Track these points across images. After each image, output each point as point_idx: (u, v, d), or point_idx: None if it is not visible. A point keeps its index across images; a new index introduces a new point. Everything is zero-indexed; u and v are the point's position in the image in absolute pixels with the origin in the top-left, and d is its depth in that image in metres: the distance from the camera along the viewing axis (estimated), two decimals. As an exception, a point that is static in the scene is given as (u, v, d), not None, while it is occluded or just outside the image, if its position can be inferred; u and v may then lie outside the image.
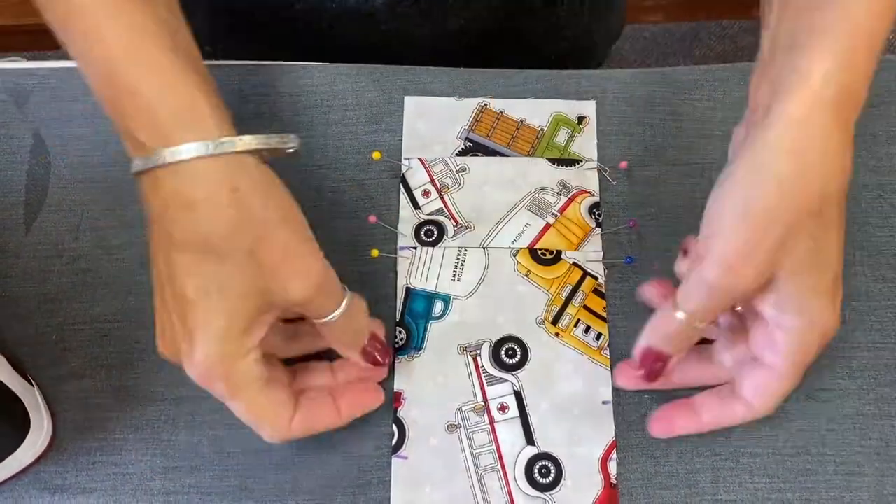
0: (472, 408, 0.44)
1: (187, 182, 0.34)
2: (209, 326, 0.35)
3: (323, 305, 0.38)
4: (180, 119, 0.34)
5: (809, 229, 0.35)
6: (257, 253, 0.35)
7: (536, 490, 0.42)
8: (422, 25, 0.56)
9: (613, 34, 0.72)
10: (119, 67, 0.34)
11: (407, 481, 0.43)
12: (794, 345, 0.38)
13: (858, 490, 0.43)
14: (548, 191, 0.48)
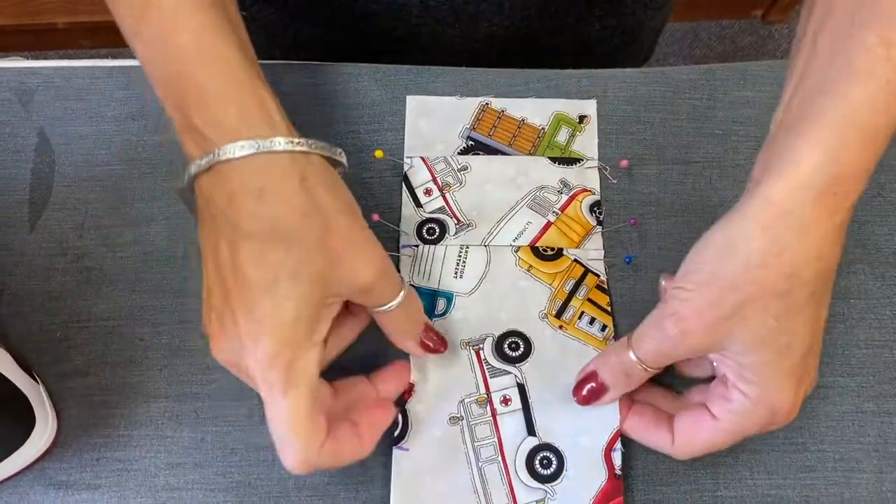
0: (475, 400, 0.44)
1: (257, 173, 0.35)
2: (279, 312, 0.35)
3: (385, 292, 0.39)
4: (250, 116, 0.35)
5: (772, 308, 0.35)
6: (325, 239, 0.36)
7: (537, 481, 0.43)
8: (452, 26, 0.57)
9: (641, 57, 0.73)
10: (191, 63, 0.35)
11: (408, 473, 0.43)
12: (743, 408, 0.38)
13: (857, 487, 0.44)
14: (549, 189, 0.49)
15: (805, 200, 0.34)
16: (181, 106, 0.36)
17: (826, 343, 0.46)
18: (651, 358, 0.39)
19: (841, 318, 0.46)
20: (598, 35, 0.62)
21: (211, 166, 0.35)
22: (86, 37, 1.44)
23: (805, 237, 0.34)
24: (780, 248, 0.34)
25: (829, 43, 0.35)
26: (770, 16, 1.50)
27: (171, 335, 0.46)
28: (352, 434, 0.39)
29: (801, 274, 0.35)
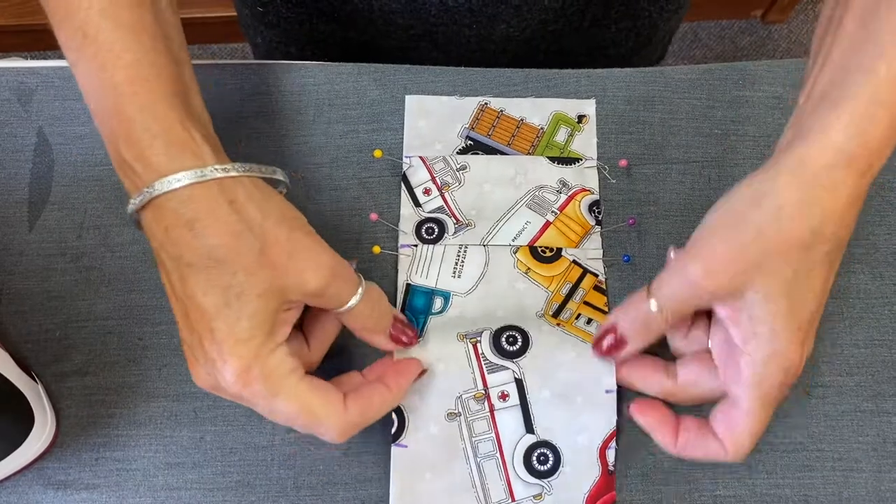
0: (473, 396, 0.44)
1: (187, 204, 0.35)
2: (235, 332, 0.36)
3: (341, 293, 0.39)
4: (176, 149, 0.36)
5: (794, 260, 0.36)
6: (265, 254, 0.36)
7: (534, 477, 0.43)
8: (469, 27, 0.57)
9: (654, 59, 0.73)
10: (122, 99, 0.36)
11: (407, 469, 0.43)
12: (756, 375, 0.38)
13: (856, 486, 0.44)
14: (548, 189, 0.49)
15: (837, 164, 0.35)
16: (113, 141, 0.37)
17: (825, 342, 0.46)
18: (672, 304, 0.39)
19: (839, 318, 0.47)
20: (613, 37, 0.62)
21: (147, 202, 0.36)
22: (86, 37, 1.44)
23: (834, 196, 0.36)
24: (811, 202, 0.36)
25: (856, 22, 0.37)
26: (769, 16, 1.50)
27: (170, 335, 0.46)
28: (377, 386, 0.40)
29: (823, 230, 0.36)
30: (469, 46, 0.59)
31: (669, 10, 0.63)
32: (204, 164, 0.36)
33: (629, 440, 0.44)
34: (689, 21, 1.52)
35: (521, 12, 0.56)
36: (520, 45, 0.59)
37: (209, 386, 0.37)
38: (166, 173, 0.35)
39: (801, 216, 0.36)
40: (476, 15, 0.56)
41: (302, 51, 0.65)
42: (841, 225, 0.37)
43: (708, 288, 0.38)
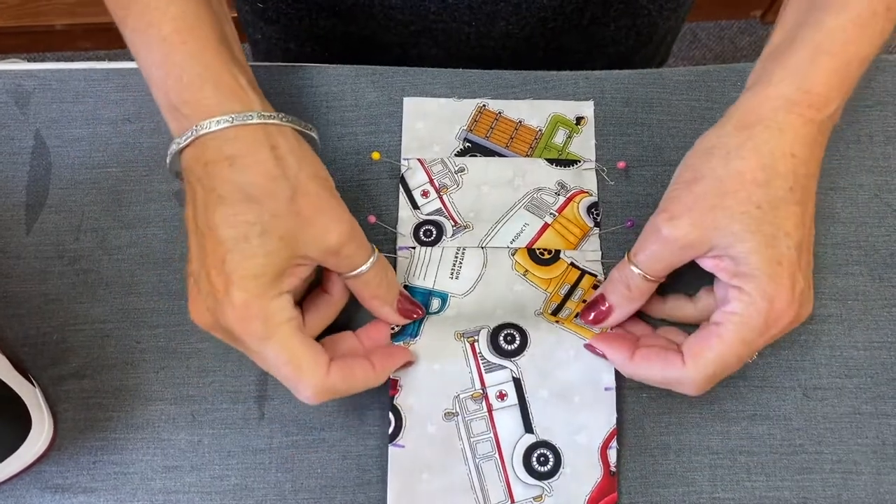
0: (470, 395, 0.44)
1: (230, 143, 0.38)
2: (247, 266, 0.37)
3: (355, 255, 0.40)
4: (225, 94, 0.39)
5: (754, 198, 0.38)
6: (294, 202, 0.38)
7: (534, 478, 0.43)
8: (469, 24, 0.57)
9: (657, 61, 0.73)
10: (171, 49, 0.39)
11: (404, 470, 0.43)
12: (741, 308, 0.38)
13: (855, 488, 0.43)
14: (546, 191, 0.49)
15: (778, 108, 0.38)
16: (163, 87, 0.39)
17: (823, 344, 0.46)
18: (648, 264, 0.41)
19: (838, 320, 0.46)
20: (612, 35, 0.62)
21: (191, 142, 0.38)
22: (85, 38, 1.44)
23: (780, 136, 0.38)
24: (756, 143, 0.38)
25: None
26: (769, 16, 1.50)
27: (168, 338, 0.46)
28: (363, 361, 0.41)
29: (776, 166, 0.38)
30: (469, 43, 0.59)
31: (669, 9, 0.63)
32: (251, 109, 0.39)
33: (628, 443, 0.44)
34: (689, 21, 1.52)
35: (520, 10, 0.56)
36: (519, 42, 0.59)
37: (205, 322, 0.39)
38: (215, 114, 0.38)
39: (750, 156, 0.38)
40: (475, 12, 0.56)
41: (302, 47, 0.65)
42: (796, 163, 0.38)
43: (678, 241, 0.39)
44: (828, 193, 0.49)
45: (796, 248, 0.38)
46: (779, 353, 0.46)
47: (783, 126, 0.38)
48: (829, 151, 0.49)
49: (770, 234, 0.38)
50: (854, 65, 0.39)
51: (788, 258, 0.38)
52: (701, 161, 0.39)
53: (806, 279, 0.39)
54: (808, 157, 0.39)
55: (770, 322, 0.38)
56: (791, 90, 0.38)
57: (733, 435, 0.44)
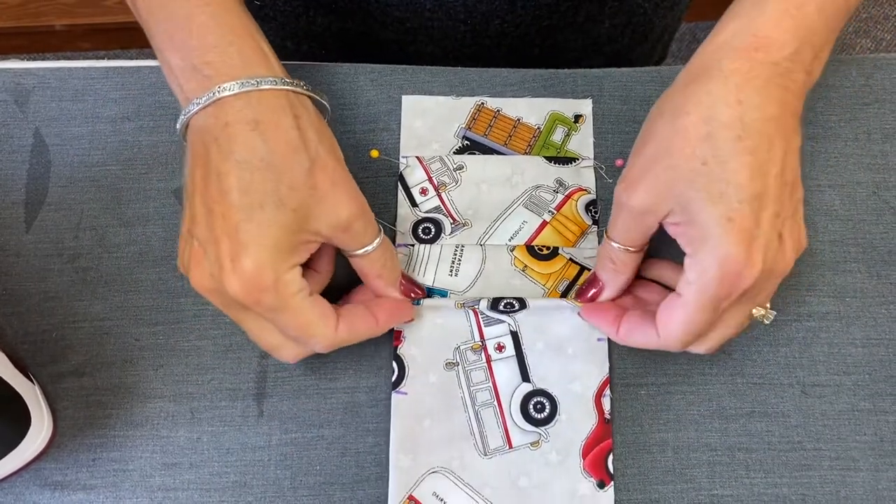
0: (470, 347, 0.45)
1: (254, 106, 0.37)
2: (262, 236, 0.37)
3: (364, 233, 0.41)
4: (249, 57, 0.39)
5: (699, 153, 0.36)
6: (311, 174, 0.38)
7: (531, 425, 0.44)
8: (464, 22, 0.58)
9: (654, 60, 0.73)
10: (196, 9, 0.39)
11: (406, 416, 0.44)
12: (694, 273, 0.37)
13: (853, 485, 0.44)
14: (544, 188, 0.49)
15: (721, 57, 0.37)
16: (184, 48, 0.39)
17: (822, 342, 0.46)
18: (622, 235, 0.41)
19: (836, 317, 0.47)
20: (608, 33, 0.62)
21: (211, 102, 0.37)
22: (84, 39, 1.44)
23: (723, 84, 0.37)
24: (699, 95, 0.37)
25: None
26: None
27: (167, 335, 0.46)
28: (365, 313, 0.42)
29: (719, 117, 0.36)
30: (464, 41, 0.59)
31: (664, 7, 0.63)
32: (275, 75, 0.38)
33: (626, 440, 0.44)
34: (688, 22, 1.52)
35: (515, 8, 0.56)
36: (515, 40, 0.59)
37: (206, 288, 0.38)
38: (240, 76, 0.37)
39: (693, 109, 0.37)
40: (470, 10, 0.56)
41: (299, 45, 0.65)
42: (743, 109, 0.36)
43: (636, 208, 0.39)
44: (826, 191, 0.49)
45: (751, 200, 0.36)
46: (777, 351, 0.46)
47: (727, 73, 0.37)
48: (827, 149, 0.50)
49: (719, 190, 0.36)
50: (810, 7, 0.37)
51: (740, 213, 0.36)
52: (652, 123, 0.39)
53: (774, 228, 0.37)
54: (760, 101, 0.36)
55: (729, 284, 0.37)
56: (735, 36, 0.37)
57: (732, 432, 0.44)
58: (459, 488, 0.43)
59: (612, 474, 0.43)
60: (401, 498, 0.43)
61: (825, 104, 0.51)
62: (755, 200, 0.36)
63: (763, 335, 0.46)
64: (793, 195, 0.38)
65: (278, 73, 0.39)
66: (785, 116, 0.37)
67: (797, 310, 0.47)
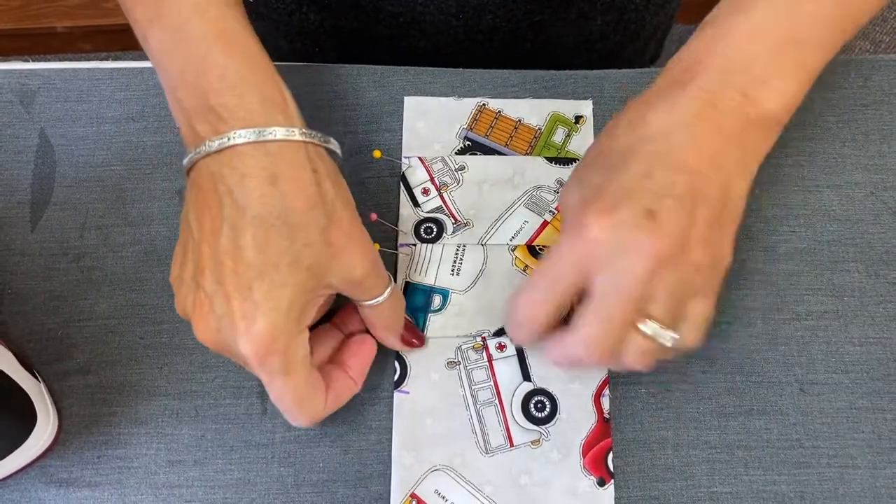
0: (472, 346, 0.46)
1: (273, 158, 0.36)
2: (277, 297, 0.36)
3: (376, 286, 0.40)
4: (270, 103, 0.37)
5: (599, 161, 0.40)
6: (328, 232, 0.37)
7: (532, 424, 0.44)
8: (456, 17, 0.58)
9: (647, 58, 0.73)
10: (213, 48, 0.37)
11: (409, 414, 0.45)
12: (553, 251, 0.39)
13: (851, 482, 0.44)
14: (545, 189, 0.49)
15: (658, 84, 0.40)
16: (199, 87, 0.37)
17: (820, 340, 0.46)
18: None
19: (835, 316, 0.47)
20: (599, 31, 0.63)
21: (223, 148, 0.36)
22: (86, 41, 1.45)
23: (636, 106, 0.40)
24: (616, 118, 0.41)
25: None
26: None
27: (171, 334, 0.46)
28: (344, 377, 0.42)
29: (614, 132, 0.40)
30: (457, 36, 0.59)
31: (656, 4, 0.63)
32: (293, 125, 0.37)
33: (626, 437, 0.45)
34: (687, 23, 1.53)
35: (506, 3, 0.57)
36: (506, 35, 0.60)
37: (212, 341, 0.37)
38: (259, 124, 0.36)
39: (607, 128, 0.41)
40: (462, 5, 0.57)
41: (292, 43, 0.65)
42: (636, 125, 0.39)
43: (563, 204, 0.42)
44: (824, 191, 0.49)
45: (619, 191, 0.37)
46: (776, 349, 0.46)
47: (653, 86, 0.40)
48: (826, 150, 0.50)
49: (593, 183, 0.38)
50: (740, 35, 0.40)
51: (600, 198, 0.37)
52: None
53: (635, 219, 0.36)
54: (674, 108, 0.38)
55: (572, 249, 0.37)
56: (673, 63, 0.41)
57: (731, 430, 0.45)
58: (461, 486, 0.43)
59: (613, 472, 0.44)
60: (403, 495, 0.43)
61: (823, 105, 0.51)
62: (633, 176, 0.37)
63: (762, 334, 0.46)
64: (695, 188, 0.37)
65: (296, 121, 0.38)
66: (706, 128, 0.38)
67: (795, 308, 0.47)
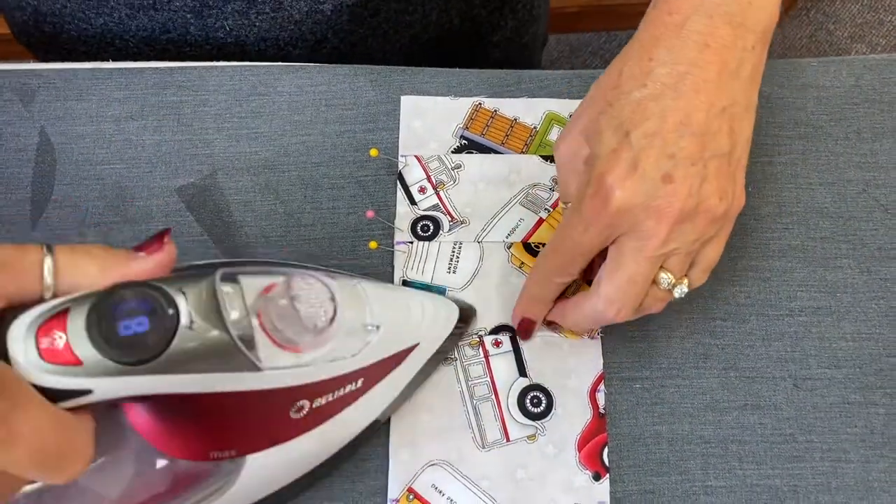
0: (468, 343, 0.46)
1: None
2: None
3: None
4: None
5: (609, 97, 0.40)
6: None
7: (528, 418, 0.45)
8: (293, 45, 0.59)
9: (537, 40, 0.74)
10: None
11: (405, 412, 0.45)
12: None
13: (844, 476, 0.44)
14: (541, 187, 0.50)
15: (640, 29, 0.40)
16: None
17: (813, 336, 0.47)
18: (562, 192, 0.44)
19: (828, 312, 0.47)
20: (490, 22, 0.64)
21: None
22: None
23: (637, 47, 0.40)
24: (615, 63, 0.41)
25: None
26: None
27: (170, 330, 0.47)
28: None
29: (628, 71, 0.39)
30: (370, 59, 0.59)
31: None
32: None
33: (622, 432, 0.45)
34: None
35: (388, 36, 0.58)
36: (415, 51, 0.61)
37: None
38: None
39: (609, 70, 0.41)
40: (345, 37, 0.58)
41: None
42: (653, 64, 0.39)
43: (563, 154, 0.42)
44: (817, 188, 0.50)
45: (644, 136, 0.38)
46: (769, 345, 0.47)
47: (641, 39, 0.40)
48: (819, 148, 0.51)
49: (613, 125, 0.39)
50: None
51: (625, 144, 0.38)
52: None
53: (659, 165, 0.38)
54: (671, 58, 0.38)
55: (595, 197, 0.38)
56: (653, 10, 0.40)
57: (725, 424, 0.45)
58: (458, 480, 0.44)
59: (608, 466, 0.44)
60: (401, 490, 0.44)
61: (816, 104, 0.52)
62: (644, 137, 0.38)
63: (756, 330, 0.47)
64: (705, 145, 0.38)
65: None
66: (707, 72, 0.38)
67: (789, 305, 0.47)
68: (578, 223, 0.39)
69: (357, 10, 0.56)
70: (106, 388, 0.29)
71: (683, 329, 0.47)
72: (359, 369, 0.38)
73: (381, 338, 0.38)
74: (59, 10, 0.56)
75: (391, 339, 0.39)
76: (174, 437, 0.35)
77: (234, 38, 0.56)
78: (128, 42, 0.57)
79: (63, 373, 0.28)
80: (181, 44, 0.57)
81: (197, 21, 0.55)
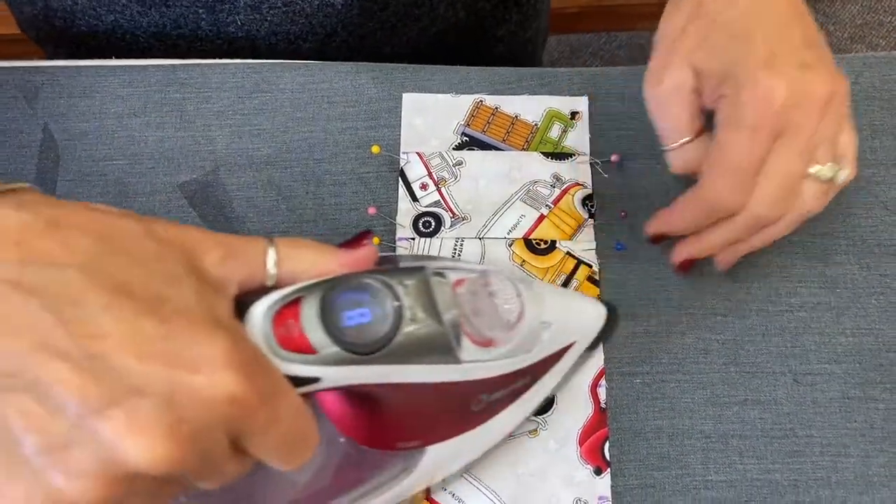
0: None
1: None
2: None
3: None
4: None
5: (704, 18, 0.40)
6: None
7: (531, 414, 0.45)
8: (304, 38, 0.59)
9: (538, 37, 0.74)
10: None
11: None
12: (723, 111, 0.40)
13: (844, 470, 0.44)
14: (542, 183, 0.50)
15: None
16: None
17: (813, 331, 0.47)
18: (672, 127, 0.43)
19: (827, 307, 0.48)
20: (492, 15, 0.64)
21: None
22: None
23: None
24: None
25: None
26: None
27: (173, 326, 0.47)
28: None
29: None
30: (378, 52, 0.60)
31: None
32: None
33: (622, 427, 0.45)
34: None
35: (396, 30, 0.58)
36: (422, 45, 0.62)
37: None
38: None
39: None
40: (354, 30, 0.58)
41: None
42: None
43: (664, 90, 0.42)
44: (816, 185, 0.50)
45: (769, 39, 0.39)
46: (769, 340, 0.47)
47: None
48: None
49: (731, 46, 0.39)
50: None
51: (771, 57, 0.38)
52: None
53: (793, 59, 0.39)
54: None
55: (756, 107, 0.38)
56: None
57: (725, 419, 0.45)
58: (461, 476, 0.44)
59: (609, 461, 0.44)
60: None
61: (816, 101, 0.52)
62: (766, 36, 0.39)
63: (756, 325, 0.47)
64: (804, 32, 0.40)
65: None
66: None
67: (789, 300, 0.48)
68: (742, 135, 0.39)
69: (367, 4, 0.56)
70: (332, 377, 0.30)
71: (684, 324, 0.47)
72: (531, 365, 0.39)
73: (552, 335, 0.39)
74: (70, 6, 0.56)
75: (558, 336, 0.40)
76: (365, 426, 0.36)
77: (246, 32, 0.57)
78: (138, 37, 0.58)
79: (299, 360, 0.29)
80: (192, 39, 0.57)
81: (209, 16, 0.55)
